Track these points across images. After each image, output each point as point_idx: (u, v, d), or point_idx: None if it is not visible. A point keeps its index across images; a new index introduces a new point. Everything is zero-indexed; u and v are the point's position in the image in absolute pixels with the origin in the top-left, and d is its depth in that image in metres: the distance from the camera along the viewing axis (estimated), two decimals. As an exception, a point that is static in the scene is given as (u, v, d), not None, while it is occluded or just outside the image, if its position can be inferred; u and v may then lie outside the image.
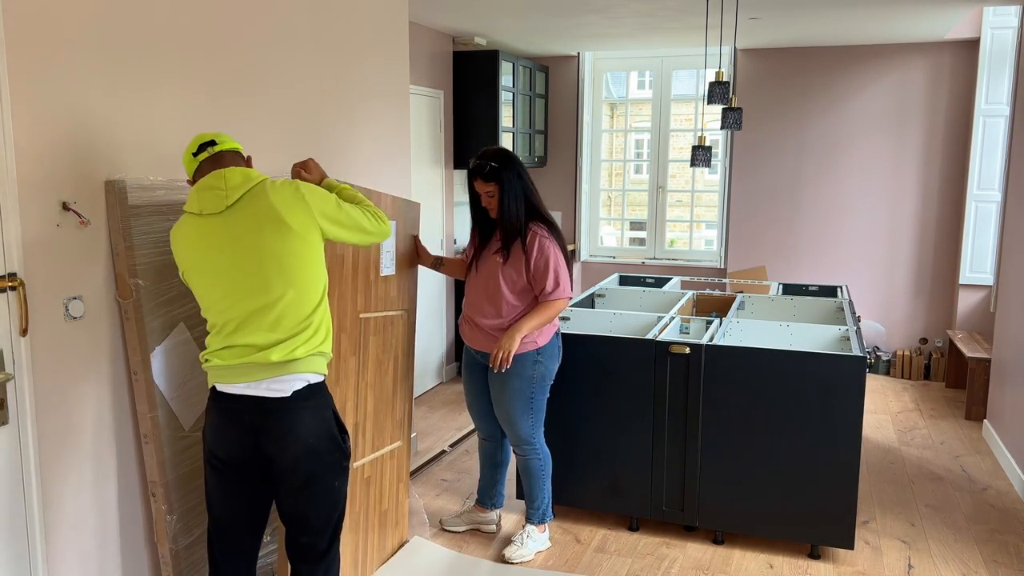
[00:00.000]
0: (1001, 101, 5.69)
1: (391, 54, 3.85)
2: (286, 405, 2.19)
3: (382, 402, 3.11)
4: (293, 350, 2.18)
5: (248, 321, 2.17)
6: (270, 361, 2.16)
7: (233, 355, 2.19)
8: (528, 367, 3.20)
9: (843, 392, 3.19)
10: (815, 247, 6.56)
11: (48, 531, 2.25)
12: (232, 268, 2.17)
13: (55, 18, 2.17)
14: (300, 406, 2.21)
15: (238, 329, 2.18)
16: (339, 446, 2.30)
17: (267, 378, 2.18)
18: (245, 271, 2.16)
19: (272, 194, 2.19)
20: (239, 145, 2.32)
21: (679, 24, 5.45)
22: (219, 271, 2.18)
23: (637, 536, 3.59)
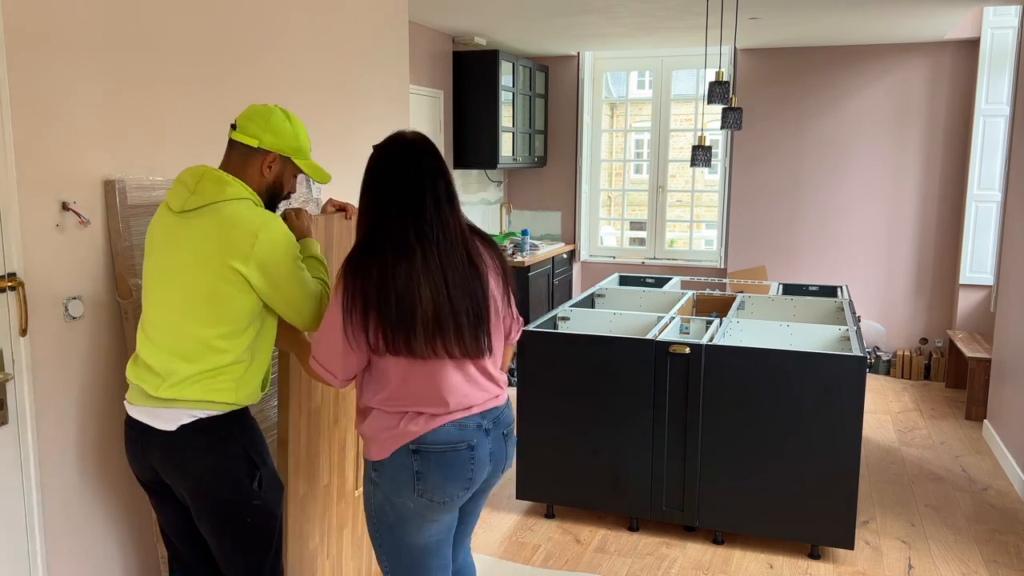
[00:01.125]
0: (1001, 101, 5.69)
1: (391, 54, 3.85)
2: (172, 440, 2.03)
3: None
4: (187, 386, 2.02)
5: (159, 338, 2.05)
6: (158, 391, 2.02)
7: (134, 370, 2.09)
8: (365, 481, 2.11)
9: (843, 392, 3.19)
10: (815, 247, 6.55)
11: (48, 531, 2.25)
12: (167, 274, 2.06)
13: (55, 18, 2.17)
14: (187, 443, 2.03)
15: (148, 340, 2.07)
16: (243, 487, 2.08)
17: (154, 406, 2.04)
18: (174, 285, 2.04)
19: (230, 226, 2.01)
20: (256, 139, 2.14)
21: (679, 24, 5.45)
22: (159, 270, 2.08)
23: (637, 536, 3.59)
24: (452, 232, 1.97)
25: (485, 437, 2.05)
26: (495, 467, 2.11)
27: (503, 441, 2.12)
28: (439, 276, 1.93)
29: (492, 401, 2.09)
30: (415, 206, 1.94)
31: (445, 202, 1.98)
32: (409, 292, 1.90)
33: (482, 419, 2.05)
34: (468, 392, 2.03)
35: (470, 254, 1.99)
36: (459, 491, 2.02)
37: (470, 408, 2.03)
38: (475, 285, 1.98)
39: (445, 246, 1.95)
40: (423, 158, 1.99)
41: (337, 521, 2.74)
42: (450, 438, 1.99)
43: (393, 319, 1.90)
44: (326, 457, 2.62)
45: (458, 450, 1.99)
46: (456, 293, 1.94)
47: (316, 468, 2.57)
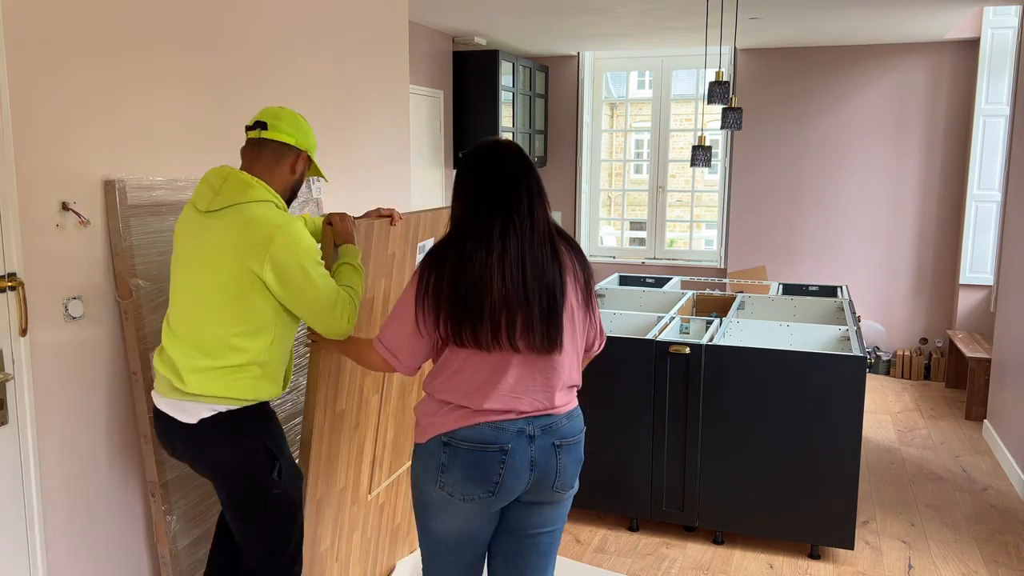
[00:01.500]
0: (1001, 101, 5.69)
1: (391, 54, 3.85)
2: (193, 432, 2.13)
3: (403, 424, 2.99)
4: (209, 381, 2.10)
5: (182, 332, 2.13)
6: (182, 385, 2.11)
7: (160, 362, 2.18)
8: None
9: (843, 392, 3.19)
10: (815, 247, 6.56)
11: (48, 531, 2.25)
12: (190, 271, 2.13)
13: (55, 18, 2.17)
14: (208, 436, 2.13)
15: (172, 333, 2.15)
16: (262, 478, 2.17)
17: (178, 399, 2.13)
18: (197, 282, 2.11)
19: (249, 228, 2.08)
20: (291, 137, 2.22)
21: (679, 24, 5.45)
22: (183, 267, 2.15)
23: (637, 536, 3.59)
24: (540, 227, 2.01)
25: (527, 444, 2.00)
26: (541, 479, 2.03)
27: (553, 452, 2.03)
28: (517, 266, 1.95)
29: (549, 408, 2.03)
30: (506, 201, 1.99)
31: (537, 200, 2.03)
32: (481, 283, 1.93)
33: (527, 424, 2.00)
34: (520, 394, 2.00)
35: (555, 249, 2.02)
36: (481, 492, 1.98)
37: (515, 411, 1.99)
38: (554, 279, 1.99)
39: (531, 239, 1.98)
40: (514, 158, 2.05)
41: (349, 525, 2.73)
42: (482, 438, 1.97)
43: (462, 309, 1.93)
44: (344, 461, 2.62)
45: (488, 451, 1.97)
46: (532, 285, 1.95)
47: (335, 471, 2.57)
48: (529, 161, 2.08)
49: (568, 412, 2.08)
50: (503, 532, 2.14)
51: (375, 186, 3.80)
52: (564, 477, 2.06)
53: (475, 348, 1.96)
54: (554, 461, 2.03)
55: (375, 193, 3.80)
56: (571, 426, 2.08)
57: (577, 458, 2.09)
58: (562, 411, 2.06)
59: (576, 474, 2.10)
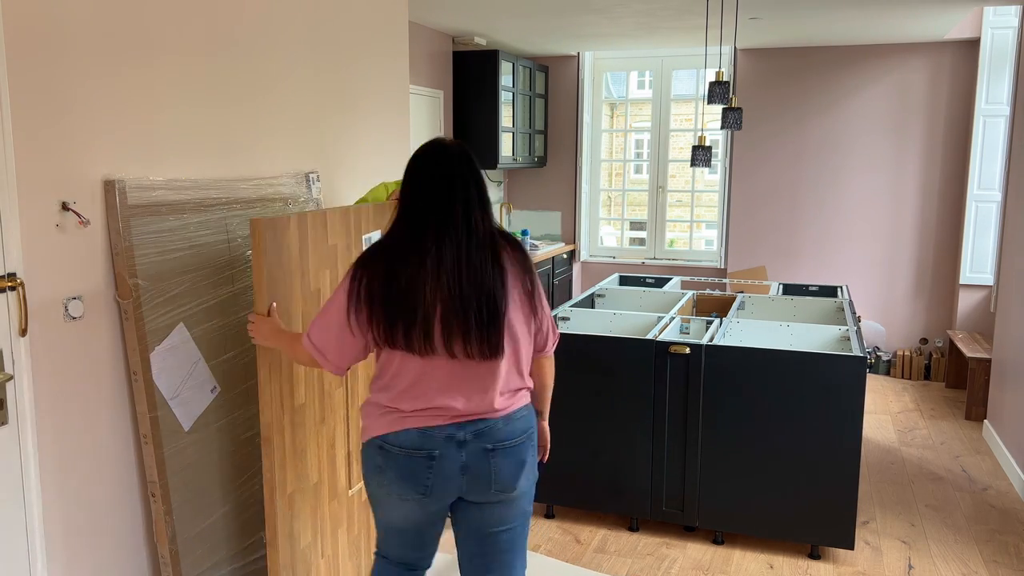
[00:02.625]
0: (1001, 101, 5.69)
1: (391, 54, 3.85)
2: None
3: None
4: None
5: None
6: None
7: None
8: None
9: (843, 392, 3.19)
10: (815, 247, 6.56)
11: (48, 531, 2.25)
12: None
13: (55, 18, 2.17)
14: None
15: None
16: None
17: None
18: None
19: None
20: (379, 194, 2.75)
21: (679, 24, 5.45)
22: None
23: (637, 536, 3.59)
24: (479, 232, 2.00)
25: (456, 450, 2.03)
26: (476, 483, 2.06)
27: (486, 457, 2.04)
28: (454, 274, 1.95)
29: (484, 413, 2.05)
30: (442, 207, 1.99)
31: (476, 207, 2.02)
32: (415, 288, 1.94)
33: (458, 430, 2.03)
34: (453, 400, 2.02)
35: (496, 254, 2.01)
36: (414, 494, 2.04)
37: (447, 416, 2.02)
38: (494, 285, 1.98)
39: (468, 245, 1.97)
40: (455, 162, 2.03)
41: (331, 521, 2.74)
42: (410, 443, 2.02)
43: (395, 313, 1.95)
44: (314, 455, 2.62)
45: (414, 457, 2.02)
46: (469, 292, 1.95)
47: (304, 466, 2.57)
48: (472, 164, 2.06)
49: (507, 415, 2.08)
50: (464, 531, 2.18)
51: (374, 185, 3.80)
52: (502, 480, 2.07)
53: (408, 352, 1.98)
54: (487, 465, 2.05)
55: (375, 193, 3.80)
56: (508, 430, 2.08)
57: (518, 460, 2.09)
58: (499, 415, 2.06)
59: (518, 475, 2.09)
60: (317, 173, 3.27)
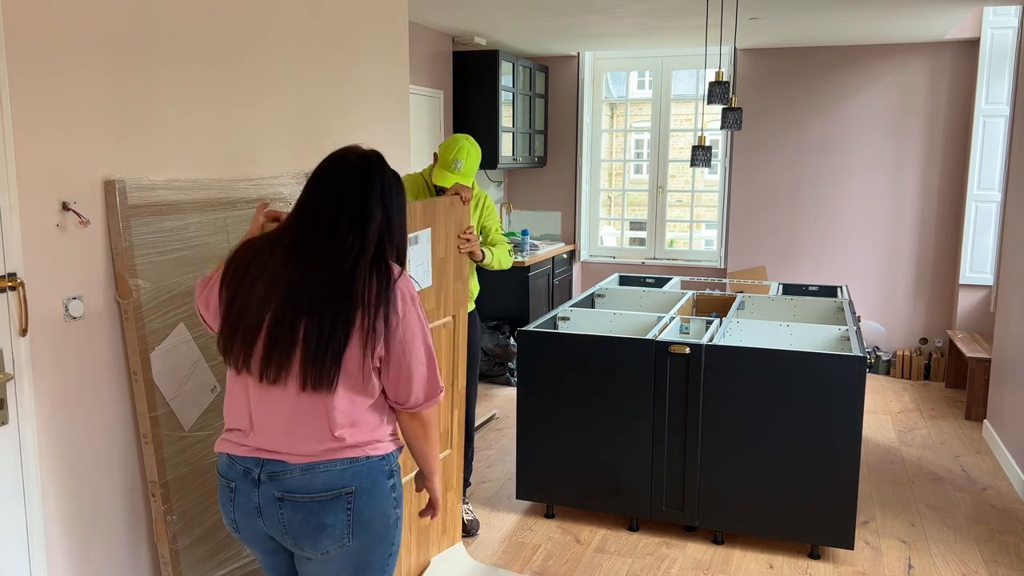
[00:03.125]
0: (1001, 101, 5.69)
1: (391, 54, 3.85)
2: None
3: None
4: None
5: None
6: None
7: None
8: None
9: (843, 392, 3.19)
10: (815, 247, 6.56)
11: (48, 531, 2.25)
12: None
13: (55, 18, 2.17)
14: None
15: None
16: None
17: None
18: None
19: None
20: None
21: (679, 24, 5.45)
22: None
23: (637, 536, 3.59)
24: (336, 250, 1.78)
25: (252, 488, 1.81)
26: (274, 530, 1.82)
27: (275, 505, 1.79)
28: (284, 287, 1.77)
29: (283, 455, 1.79)
30: (306, 218, 1.82)
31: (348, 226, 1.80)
32: (245, 285, 1.81)
33: (255, 466, 1.81)
34: (257, 429, 1.82)
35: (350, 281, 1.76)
36: (229, 524, 1.88)
37: (243, 447, 1.84)
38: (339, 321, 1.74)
39: (314, 262, 1.77)
40: (342, 171, 1.84)
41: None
42: (221, 467, 1.88)
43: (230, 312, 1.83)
44: None
45: (222, 484, 1.87)
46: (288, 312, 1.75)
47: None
48: (364, 176, 1.84)
49: (305, 465, 1.78)
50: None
51: (375, 186, 3.80)
52: (295, 536, 1.80)
53: (224, 357, 1.83)
54: (277, 514, 1.79)
55: (375, 193, 3.80)
56: (305, 481, 1.78)
57: (316, 522, 1.78)
58: (295, 461, 1.79)
59: (316, 537, 1.78)
60: (317, 173, 3.27)
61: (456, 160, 3.30)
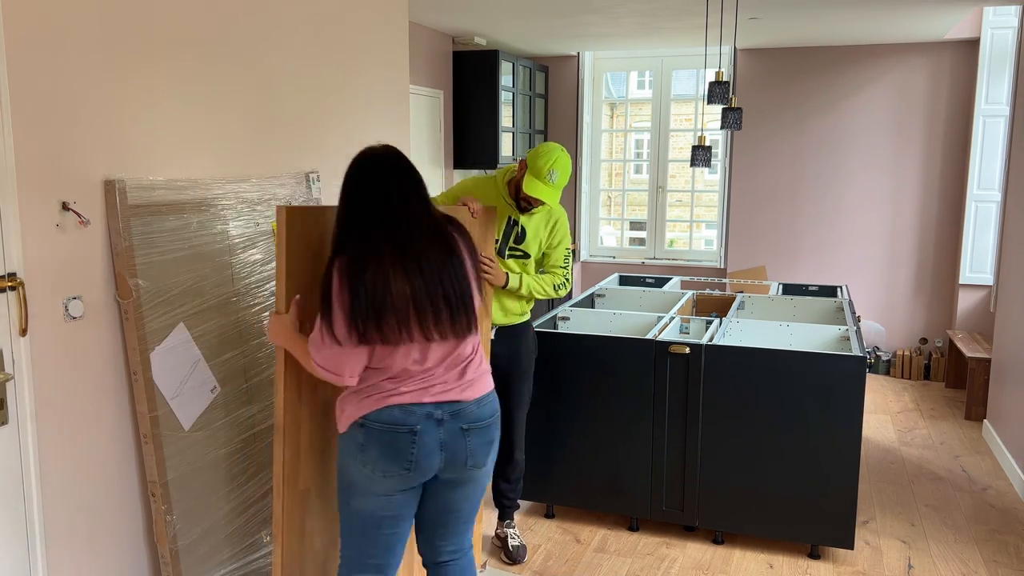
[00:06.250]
0: (1001, 101, 5.69)
1: (391, 54, 3.85)
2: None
3: None
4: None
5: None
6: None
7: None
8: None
9: (843, 392, 3.19)
10: (815, 247, 6.56)
11: (48, 531, 2.25)
12: None
13: (55, 18, 2.17)
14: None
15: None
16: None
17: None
18: None
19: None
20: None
21: (679, 24, 5.45)
22: None
23: (637, 536, 3.59)
24: (424, 225, 2.12)
25: (436, 427, 2.15)
26: (452, 460, 2.19)
27: (462, 436, 2.19)
28: (413, 267, 2.06)
29: (454, 393, 2.18)
30: (380, 212, 2.11)
31: (414, 200, 2.13)
32: (378, 284, 2.03)
33: (436, 409, 2.16)
34: (427, 379, 2.16)
35: (448, 243, 2.13)
36: (399, 470, 2.13)
37: (423, 395, 2.15)
38: (457, 270, 2.12)
39: (419, 238, 2.09)
40: (386, 161, 2.16)
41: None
42: (393, 419, 2.12)
43: (364, 310, 2.03)
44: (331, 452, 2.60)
45: (399, 432, 2.12)
46: (433, 280, 2.08)
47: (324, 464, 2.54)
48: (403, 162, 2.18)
49: (478, 399, 2.22)
50: (431, 509, 2.30)
51: (375, 186, 3.80)
52: (475, 457, 2.22)
53: (382, 344, 2.07)
54: (464, 444, 2.19)
55: (375, 193, 3.80)
56: (481, 411, 2.23)
57: (488, 439, 2.25)
58: (471, 396, 2.21)
59: (488, 454, 2.25)
60: (317, 173, 3.27)
61: (552, 171, 3.08)
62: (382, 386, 2.14)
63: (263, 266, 2.92)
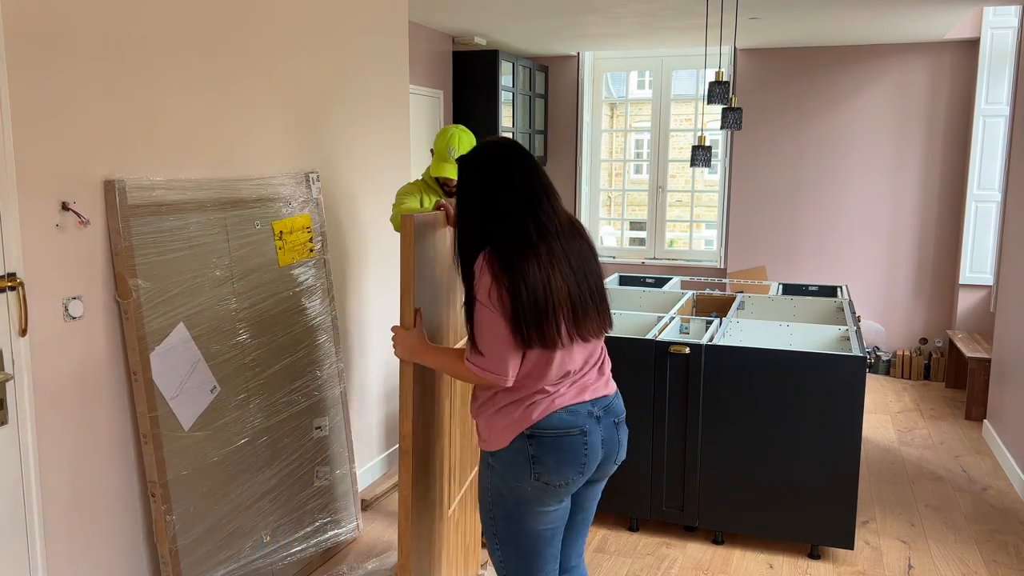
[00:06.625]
0: (1001, 101, 5.69)
1: (391, 54, 3.85)
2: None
3: (465, 434, 2.75)
4: None
5: None
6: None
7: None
8: (483, 469, 2.17)
9: (843, 392, 3.19)
10: (815, 247, 6.56)
11: (48, 531, 2.25)
12: None
13: (55, 18, 2.17)
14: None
15: None
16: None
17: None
18: None
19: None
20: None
21: (679, 24, 5.45)
22: None
23: (637, 536, 3.59)
24: (565, 222, 2.06)
25: (596, 424, 2.10)
26: (607, 455, 2.14)
27: (615, 429, 2.16)
28: (565, 264, 2.00)
29: (602, 389, 2.14)
30: (531, 202, 2.01)
31: (554, 196, 2.07)
32: (540, 285, 1.94)
33: (592, 406, 2.10)
34: (585, 381, 2.10)
35: (588, 239, 2.11)
36: (574, 475, 2.05)
37: (582, 395, 2.09)
38: (595, 266, 2.09)
39: (564, 235, 2.03)
40: (527, 158, 2.07)
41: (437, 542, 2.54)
42: (563, 424, 2.04)
43: (527, 313, 1.93)
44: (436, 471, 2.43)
45: (572, 435, 2.04)
46: (581, 278, 2.03)
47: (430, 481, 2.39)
48: (535, 160, 2.11)
49: (616, 392, 2.20)
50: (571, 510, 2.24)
51: (373, 184, 3.80)
52: (622, 450, 2.20)
53: (540, 347, 1.98)
54: (616, 437, 2.15)
55: (375, 193, 3.80)
56: (619, 404, 2.20)
57: (627, 433, 2.23)
58: (612, 390, 2.18)
59: (625, 447, 2.23)
60: (317, 173, 3.27)
61: (450, 148, 3.22)
62: (542, 391, 2.04)
63: (263, 266, 2.92)
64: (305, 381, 3.10)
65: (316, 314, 3.18)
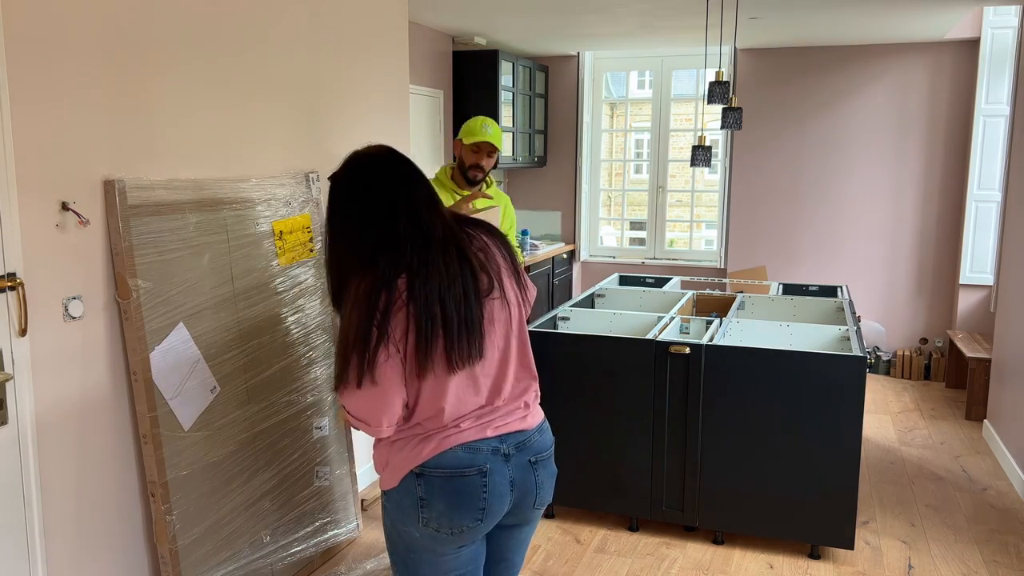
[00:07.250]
0: (1001, 101, 5.68)
1: (391, 54, 3.85)
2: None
3: None
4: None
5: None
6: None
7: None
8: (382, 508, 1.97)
9: (843, 392, 3.19)
10: (815, 247, 6.56)
11: (47, 531, 2.25)
12: None
13: (55, 18, 2.17)
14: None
15: None
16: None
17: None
18: None
19: None
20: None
21: (679, 24, 5.45)
22: None
23: (637, 536, 3.59)
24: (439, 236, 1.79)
25: (503, 463, 1.85)
26: (522, 498, 1.89)
27: (530, 469, 1.89)
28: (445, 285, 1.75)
29: (516, 424, 1.89)
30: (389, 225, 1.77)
31: (424, 207, 1.81)
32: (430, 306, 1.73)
33: (500, 443, 1.85)
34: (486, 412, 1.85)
35: (463, 253, 1.81)
36: (470, 521, 1.81)
37: (484, 430, 1.84)
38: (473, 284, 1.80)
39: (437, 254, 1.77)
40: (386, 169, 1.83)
41: None
42: (458, 462, 1.80)
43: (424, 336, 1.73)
44: None
45: (467, 476, 1.80)
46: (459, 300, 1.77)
47: None
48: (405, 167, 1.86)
49: (538, 426, 1.94)
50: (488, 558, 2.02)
51: (375, 186, 3.80)
52: (543, 493, 1.94)
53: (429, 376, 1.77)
54: (532, 478, 1.90)
55: (375, 193, 3.80)
56: (542, 440, 1.94)
57: (551, 472, 1.96)
58: (531, 424, 1.92)
59: (552, 489, 1.97)
60: (317, 173, 3.27)
61: (484, 126, 3.44)
62: (435, 425, 1.80)
63: (263, 266, 2.92)
64: (305, 381, 3.11)
65: (316, 314, 3.18)
